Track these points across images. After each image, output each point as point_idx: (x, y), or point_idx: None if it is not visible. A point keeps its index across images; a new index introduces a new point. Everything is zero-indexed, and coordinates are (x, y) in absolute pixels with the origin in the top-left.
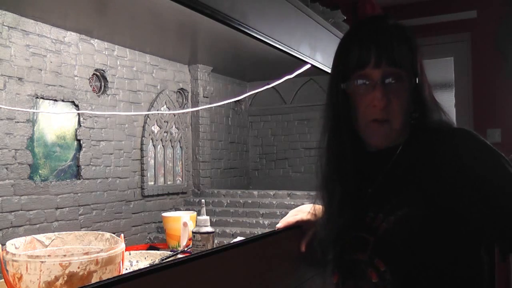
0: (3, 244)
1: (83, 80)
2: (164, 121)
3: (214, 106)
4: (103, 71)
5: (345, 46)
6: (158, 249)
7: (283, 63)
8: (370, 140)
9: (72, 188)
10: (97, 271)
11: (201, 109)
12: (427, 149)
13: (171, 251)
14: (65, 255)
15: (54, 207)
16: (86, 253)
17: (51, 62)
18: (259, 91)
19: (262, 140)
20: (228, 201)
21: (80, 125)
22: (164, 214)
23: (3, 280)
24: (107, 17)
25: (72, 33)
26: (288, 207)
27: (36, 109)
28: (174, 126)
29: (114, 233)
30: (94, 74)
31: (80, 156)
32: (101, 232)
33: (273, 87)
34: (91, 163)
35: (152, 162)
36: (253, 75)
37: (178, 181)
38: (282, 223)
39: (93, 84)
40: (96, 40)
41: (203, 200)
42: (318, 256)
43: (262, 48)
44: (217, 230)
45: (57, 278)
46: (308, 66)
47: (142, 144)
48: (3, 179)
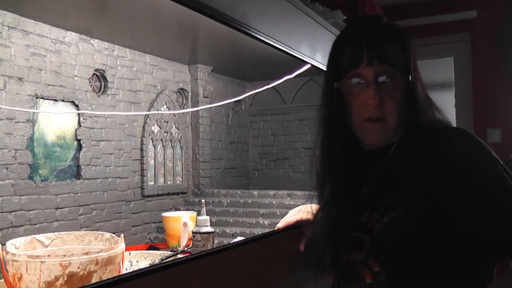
0: (3, 244)
1: (83, 80)
2: (164, 121)
3: (214, 106)
4: (103, 71)
5: (338, 46)
6: (158, 249)
7: (283, 63)
8: (366, 139)
9: (72, 188)
10: (97, 271)
11: (201, 109)
12: (422, 148)
13: (171, 251)
14: (65, 255)
15: (54, 207)
16: (86, 253)
17: (51, 62)
18: (259, 91)
19: (262, 140)
20: (228, 201)
21: (80, 125)
22: (164, 214)
23: (3, 280)
24: (107, 17)
25: (72, 33)
26: (288, 207)
27: (36, 109)
28: (174, 126)
29: (114, 233)
30: (94, 74)
31: (80, 156)
32: (101, 232)
33: (273, 87)
34: (91, 163)
35: (152, 162)
36: (253, 75)
37: (178, 181)
38: (282, 223)
39: (93, 84)
40: (96, 40)
41: (203, 200)
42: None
43: (262, 48)
44: (217, 230)
45: (57, 278)
46: (308, 66)
47: (142, 144)
48: (3, 179)
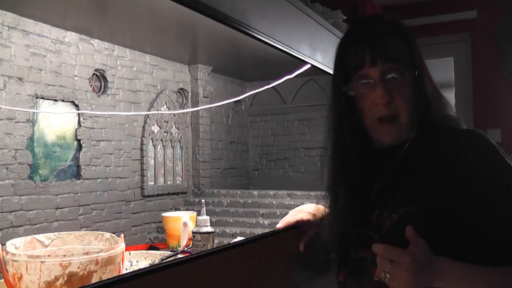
0: (3, 244)
1: (83, 80)
2: (164, 121)
3: (214, 106)
4: (103, 71)
5: (341, 50)
6: (158, 249)
7: (283, 63)
8: (380, 139)
9: (72, 188)
10: (97, 271)
11: (201, 109)
12: (435, 147)
13: (171, 251)
14: (65, 255)
15: (54, 207)
16: (86, 253)
17: (51, 62)
18: (259, 91)
19: (262, 140)
20: (228, 201)
21: (80, 125)
22: (164, 214)
23: (3, 280)
24: (107, 17)
25: (72, 33)
26: (288, 207)
27: (36, 109)
28: (174, 126)
29: (114, 233)
30: (94, 74)
31: (80, 156)
32: (101, 232)
33: (273, 87)
34: (91, 163)
35: (152, 162)
36: (253, 75)
37: (178, 181)
38: (282, 223)
39: (93, 84)
40: (96, 40)
41: (203, 200)
42: (321, 257)
43: (262, 48)
44: (217, 230)
45: (57, 278)
46: (308, 66)
47: (142, 144)
48: (3, 179)
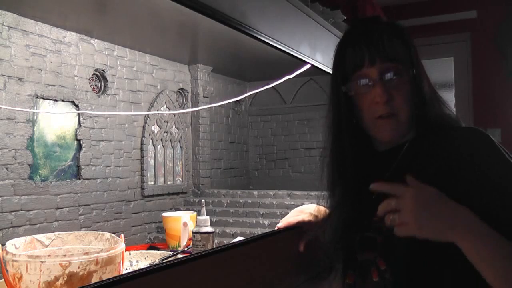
0: (3, 244)
1: (83, 80)
2: (164, 121)
3: (214, 106)
4: (103, 71)
5: (340, 50)
6: (158, 249)
7: (283, 63)
8: (380, 137)
9: (72, 188)
10: (97, 271)
11: (201, 109)
12: (435, 146)
13: (171, 251)
14: (65, 255)
15: (54, 207)
16: (86, 253)
17: (51, 62)
18: (259, 91)
19: (262, 140)
20: (228, 201)
21: (80, 125)
22: (164, 214)
23: (3, 280)
24: (107, 17)
25: (72, 33)
26: (288, 207)
27: (36, 109)
28: (174, 126)
29: (114, 233)
30: (94, 74)
31: (80, 156)
32: (101, 232)
33: (273, 87)
34: (91, 163)
35: (152, 162)
36: (253, 75)
37: (178, 181)
38: (283, 223)
39: (93, 84)
40: (96, 40)
41: (203, 200)
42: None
43: (262, 48)
44: (217, 230)
45: (57, 278)
46: (308, 66)
47: (142, 144)
48: (3, 179)
